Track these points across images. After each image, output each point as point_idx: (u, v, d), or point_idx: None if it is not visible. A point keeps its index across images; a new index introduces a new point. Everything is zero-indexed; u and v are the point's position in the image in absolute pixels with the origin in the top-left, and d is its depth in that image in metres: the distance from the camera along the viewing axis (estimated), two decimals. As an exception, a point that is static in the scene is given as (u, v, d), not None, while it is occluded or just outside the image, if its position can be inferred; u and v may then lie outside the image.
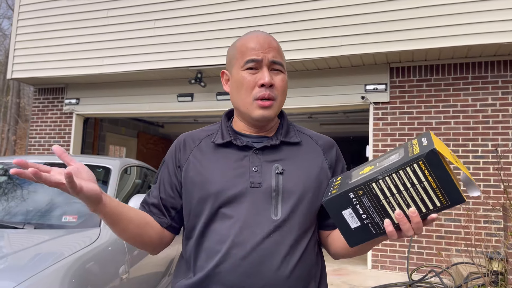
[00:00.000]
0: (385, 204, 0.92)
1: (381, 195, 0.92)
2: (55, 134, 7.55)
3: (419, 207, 0.91)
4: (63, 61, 6.84)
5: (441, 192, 0.89)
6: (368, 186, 0.93)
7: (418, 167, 0.88)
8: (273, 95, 1.14)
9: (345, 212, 0.96)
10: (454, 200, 0.89)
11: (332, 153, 1.24)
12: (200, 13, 6.15)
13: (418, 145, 0.93)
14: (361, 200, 0.94)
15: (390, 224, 0.93)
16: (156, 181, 1.23)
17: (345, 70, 5.98)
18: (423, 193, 0.90)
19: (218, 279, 1.07)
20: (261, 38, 1.16)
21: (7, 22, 27.69)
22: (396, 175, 0.90)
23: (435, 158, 0.87)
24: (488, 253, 4.07)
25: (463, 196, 0.88)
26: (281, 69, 1.17)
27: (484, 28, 4.90)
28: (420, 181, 0.89)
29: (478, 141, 5.32)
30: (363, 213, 0.95)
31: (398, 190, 0.91)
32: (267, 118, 1.15)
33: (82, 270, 2.01)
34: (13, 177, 2.97)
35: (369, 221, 0.95)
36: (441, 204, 0.90)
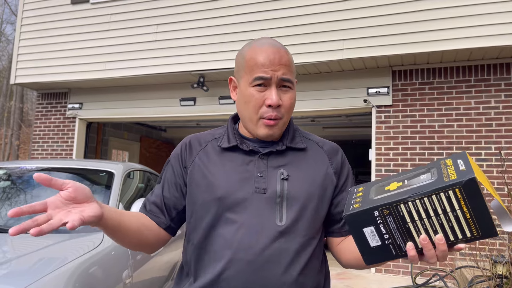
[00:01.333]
0: (411, 227, 0.87)
1: (408, 218, 0.87)
2: (58, 138, 7.57)
3: (447, 235, 0.86)
4: (66, 66, 6.87)
5: (474, 223, 0.83)
6: (396, 207, 0.87)
7: (453, 194, 0.82)
8: (280, 115, 1.12)
9: (366, 229, 0.90)
10: (487, 233, 0.83)
11: (338, 159, 1.23)
12: (202, 18, 6.17)
13: (454, 168, 0.87)
14: (386, 220, 0.88)
15: (413, 248, 0.88)
16: (160, 180, 1.23)
17: (347, 74, 5.98)
18: (454, 222, 0.84)
19: (222, 284, 1.06)
20: (271, 53, 1.12)
21: (10, 28, 27.86)
22: (428, 199, 0.84)
23: (474, 187, 0.81)
24: (493, 257, 4.04)
25: (496, 230, 0.83)
26: (291, 85, 1.14)
27: (486, 31, 4.90)
28: (453, 209, 0.83)
29: (481, 144, 5.31)
30: (386, 233, 0.89)
31: (427, 215, 0.85)
32: (273, 136, 1.15)
33: (86, 274, 2.01)
34: (17, 181, 2.97)
35: (390, 242, 0.90)
36: (472, 235, 0.84)
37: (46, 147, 7.64)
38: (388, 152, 5.67)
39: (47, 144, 7.64)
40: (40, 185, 2.85)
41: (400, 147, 5.63)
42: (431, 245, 0.87)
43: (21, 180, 2.98)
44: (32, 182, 2.93)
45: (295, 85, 1.17)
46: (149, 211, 1.19)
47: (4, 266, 1.85)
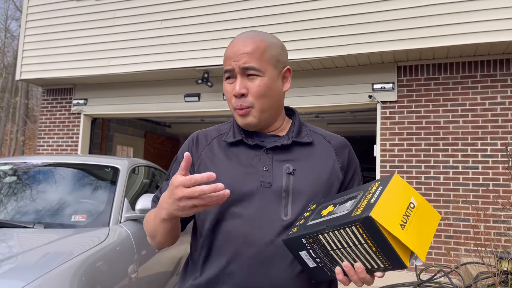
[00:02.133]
0: (334, 254, 0.93)
1: (328, 247, 0.93)
2: (63, 134, 7.60)
3: (364, 264, 0.90)
4: (71, 62, 6.88)
5: (382, 256, 0.87)
6: (315, 237, 0.93)
7: (356, 230, 0.86)
8: (246, 104, 1.12)
9: (301, 253, 0.98)
10: (396, 265, 0.87)
11: (345, 154, 1.23)
12: (206, 13, 6.16)
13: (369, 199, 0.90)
14: (313, 247, 0.95)
15: (340, 272, 0.94)
16: (169, 177, 1.23)
17: (352, 69, 5.96)
18: (365, 253, 0.89)
19: (227, 278, 1.07)
20: (235, 44, 1.14)
21: (15, 24, 27.94)
22: (338, 232, 0.89)
23: (371, 225, 0.84)
24: (498, 253, 4.03)
25: (404, 263, 0.86)
26: (256, 73, 1.11)
27: (492, 26, 4.85)
28: (360, 242, 0.88)
29: (487, 140, 5.28)
30: (316, 257, 0.96)
31: (342, 246, 0.90)
32: (250, 124, 1.15)
33: (92, 269, 2.02)
34: (23, 177, 2.99)
35: (323, 265, 0.97)
36: (383, 265, 0.88)
37: (51, 142, 7.67)
38: (393, 148, 5.65)
39: (53, 139, 7.67)
40: (46, 180, 2.86)
41: (405, 143, 5.60)
42: (354, 271, 0.92)
43: (26, 176, 2.99)
44: (37, 177, 2.94)
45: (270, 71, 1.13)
46: None
47: (11, 260, 1.86)
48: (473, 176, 5.28)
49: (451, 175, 5.36)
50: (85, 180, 2.98)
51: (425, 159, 5.50)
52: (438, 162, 5.43)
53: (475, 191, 5.25)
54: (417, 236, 0.88)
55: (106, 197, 2.75)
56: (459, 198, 5.30)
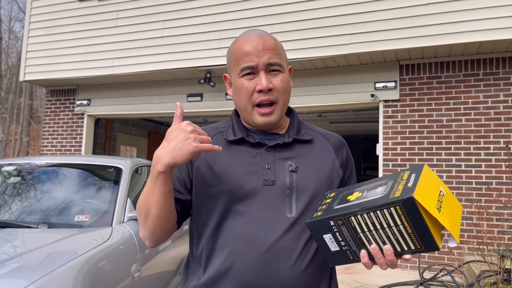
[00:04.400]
0: (362, 237, 0.94)
1: (359, 229, 0.94)
2: (67, 135, 7.65)
3: (394, 246, 0.92)
4: (74, 62, 6.92)
5: (416, 238, 0.89)
6: (347, 219, 0.94)
7: (395, 211, 0.88)
8: (273, 98, 1.13)
9: (325, 236, 0.99)
10: (428, 247, 0.89)
11: (343, 152, 1.24)
12: (208, 13, 6.17)
13: (405, 183, 0.93)
14: (340, 229, 0.96)
15: (366, 256, 0.95)
16: None
17: (354, 68, 5.96)
18: (398, 235, 0.90)
19: (232, 277, 1.06)
20: (254, 40, 1.13)
21: (19, 25, 28.05)
22: (374, 214, 0.91)
23: (412, 206, 0.86)
24: (500, 251, 4.03)
25: (438, 245, 0.88)
26: (280, 69, 1.14)
27: (495, 24, 4.84)
28: (396, 224, 0.89)
29: (490, 138, 5.27)
30: (342, 240, 0.97)
31: (375, 228, 0.92)
32: (271, 123, 1.15)
33: (95, 268, 2.04)
34: (27, 177, 3.02)
35: (347, 248, 0.98)
36: (415, 247, 0.91)
37: (55, 143, 7.72)
38: (395, 147, 5.65)
39: (56, 140, 7.71)
40: (50, 180, 2.89)
41: (407, 142, 5.60)
42: (381, 254, 0.93)
43: (30, 176, 3.02)
44: (41, 178, 2.97)
45: (286, 68, 1.17)
46: None
47: (15, 260, 1.89)
48: (476, 175, 5.27)
49: (454, 173, 5.36)
50: (88, 180, 3.01)
51: (428, 158, 5.50)
52: (441, 161, 5.43)
53: (478, 189, 5.25)
54: (450, 220, 0.92)
55: (109, 197, 2.77)
56: (462, 196, 5.29)
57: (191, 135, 0.97)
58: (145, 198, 1.06)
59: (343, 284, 4.71)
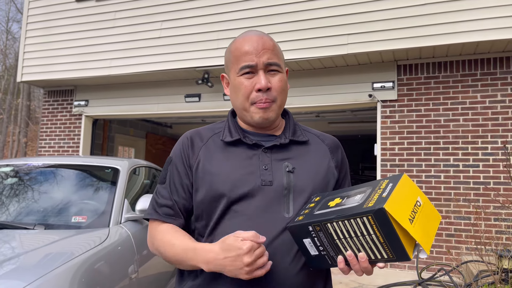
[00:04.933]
0: (339, 243, 0.97)
1: (335, 235, 0.97)
2: (65, 135, 7.63)
3: (368, 254, 0.95)
4: (71, 63, 6.91)
5: (388, 247, 0.91)
6: (324, 225, 0.97)
7: (367, 220, 0.91)
8: (271, 98, 1.14)
9: (305, 240, 1.02)
10: (400, 257, 0.91)
11: (339, 153, 1.26)
12: (206, 14, 6.17)
13: (380, 193, 0.95)
14: (318, 235, 0.99)
15: (342, 261, 0.98)
16: (165, 181, 1.20)
17: (352, 69, 5.96)
18: (371, 244, 0.93)
19: (229, 277, 1.06)
20: (254, 40, 1.15)
21: (16, 26, 27.99)
22: (348, 222, 0.93)
23: (383, 217, 0.88)
24: (498, 251, 4.03)
25: (409, 255, 0.90)
26: (278, 69, 1.16)
27: (492, 24, 4.85)
28: (368, 233, 0.92)
29: (487, 138, 5.28)
30: (320, 245, 1.00)
31: (349, 235, 0.95)
32: (268, 120, 1.16)
33: (92, 270, 2.03)
34: (24, 178, 3.01)
35: (325, 253, 1.01)
36: (387, 256, 0.93)
37: (53, 144, 7.70)
38: (393, 147, 5.66)
39: (54, 141, 7.70)
40: (46, 181, 2.88)
41: (405, 142, 5.61)
42: (356, 260, 0.96)
43: (28, 177, 3.01)
44: (38, 178, 2.96)
45: (284, 69, 1.19)
46: (163, 215, 1.17)
47: (12, 261, 1.88)
48: (473, 174, 5.28)
49: (451, 173, 5.36)
50: (86, 181, 3.00)
51: (426, 158, 5.50)
52: (439, 161, 5.44)
53: (475, 189, 5.25)
54: (422, 232, 0.93)
55: (107, 198, 2.77)
56: (459, 196, 5.30)
57: (246, 268, 0.97)
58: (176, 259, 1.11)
59: (341, 284, 4.71)
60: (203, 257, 1.03)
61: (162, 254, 1.15)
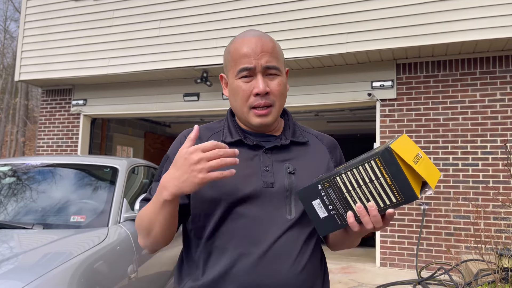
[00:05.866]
0: (348, 197, 0.99)
1: (344, 189, 0.99)
2: (63, 135, 7.61)
3: (377, 202, 0.96)
4: (70, 62, 6.88)
5: (396, 189, 0.94)
6: (333, 180, 0.99)
7: (374, 163, 0.94)
8: (270, 102, 1.12)
9: (314, 202, 1.03)
10: (408, 197, 0.94)
11: (337, 153, 1.27)
12: (205, 12, 6.15)
13: (384, 144, 0.98)
14: (328, 192, 1.01)
15: (352, 216, 0.97)
16: (159, 178, 1.17)
17: (351, 67, 5.95)
18: (380, 189, 0.95)
19: (232, 279, 1.06)
20: (253, 42, 1.12)
21: (14, 25, 27.94)
22: (357, 170, 0.96)
23: (390, 156, 0.92)
24: (498, 250, 4.03)
25: (416, 193, 0.92)
26: (277, 72, 1.13)
27: (491, 22, 4.85)
28: (376, 177, 0.95)
29: (486, 137, 5.28)
30: (330, 204, 1.01)
31: (358, 185, 0.97)
32: (267, 125, 1.15)
33: (91, 269, 2.02)
34: (22, 177, 2.99)
35: (335, 212, 1.01)
36: (396, 200, 0.95)
37: (51, 143, 7.68)
38: (392, 146, 5.64)
39: (52, 140, 7.67)
40: (44, 181, 2.87)
41: (404, 141, 5.60)
42: (366, 211, 0.96)
43: (26, 176, 2.99)
44: (37, 178, 2.94)
45: (284, 71, 1.18)
46: None
47: (10, 261, 1.86)
48: (473, 173, 5.28)
49: (451, 172, 5.36)
50: (84, 180, 2.98)
51: (425, 157, 5.49)
52: (438, 160, 5.43)
53: (475, 188, 5.25)
54: (426, 172, 0.97)
55: (105, 198, 2.75)
56: (459, 195, 5.30)
57: (197, 166, 0.93)
58: (149, 218, 1.06)
59: (341, 283, 4.70)
60: (161, 187, 1.00)
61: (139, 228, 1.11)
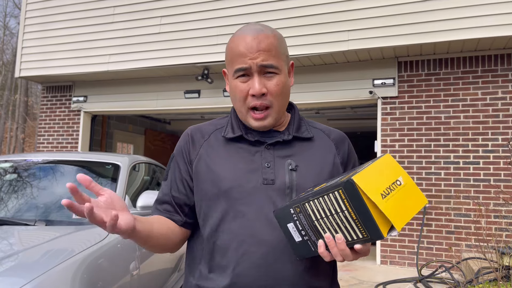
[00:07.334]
0: (317, 225, 0.94)
1: (313, 216, 0.94)
2: (63, 131, 7.59)
3: (345, 235, 0.91)
4: (70, 58, 6.86)
5: (361, 225, 0.87)
6: (302, 205, 0.94)
7: (338, 195, 0.88)
8: (267, 104, 1.09)
9: (289, 225, 0.99)
10: (373, 235, 0.87)
11: (345, 148, 1.21)
12: (206, 9, 6.13)
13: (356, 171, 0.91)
14: (299, 217, 0.96)
15: (322, 245, 0.93)
16: (167, 178, 1.19)
17: (352, 65, 5.94)
18: (346, 222, 0.89)
19: (236, 277, 1.04)
20: (248, 40, 1.07)
21: (14, 21, 27.87)
22: (322, 199, 0.91)
23: (352, 189, 0.85)
24: (500, 248, 4.03)
25: (381, 233, 0.85)
26: (275, 71, 1.08)
27: (493, 20, 4.83)
28: (341, 209, 0.89)
29: (488, 135, 5.27)
30: (302, 229, 0.97)
31: (325, 214, 0.91)
32: (266, 127, 1.12)
33: (93, 266, 2.01)
34: (23, 174, 2.98)
35: (307, 238, 0.97)
36: (362, 236, 0.88)
37: (51, 140, 7.66)
38: (393, 144, 5.64)
39: (52, 137, 7.66)
40: (46, 177, 2.86)
41: (406, 139, 5.60)
42: (334, 243, 0.91)
43: (27, 173, 2.98)
44: (38, 175, 2.94)
45: (284, 69, 1.12)
46: (164, 212, 1.16)
47: (11, 258, 1.86)
48: (474, 172, 5.27)
49: (452, 170, 5.36)
50: (86, 177, 2.97)
51: (426, 155, 5.49)
52: (439, 158, 5.43)
53: (476, 186, 5.25)
54: (396, 209, 0.87)
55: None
56: (460, 193, 5.29)
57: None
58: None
59: (341, 281, 4.70)
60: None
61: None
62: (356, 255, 0.93)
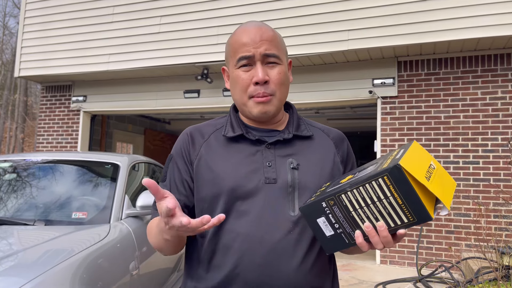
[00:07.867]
0: (355, 215, 0.92)
1: (350, 207, 0.92)
2: (62, 131, 7.59)
3: (387, 221, 0.90)
4: (69, 58, 6.86)
5: (407, 209, 0.87)
6: (338, 197, 0.93)
7: (383, 181, 0.87)
8: (269, 92, 1.10)
9: (319, 220, 0.97)
10: (421, 218, 0.86)
11: (344, 147, 1.22)
12: (206, 9, 6.13)
13: (393, 157, 0.92)
14: (333, 210, 0.94)
15: (360, 236, 0.93)
16: (165, 179, 1.18)
17: (352, 65, 5.94)
18: (389, 208, 0.88)
19: (238, 278, 1.04)
20: (252, 31, 1.11)
21: (13, 21, 27.84)
22: (363, 188, 0.89)
23: (399, 174, 0.85)
24: (500, 248, 4.03)
25: (430, 214, 0.85)
26: (277, 61, 1.11)
27: (493, 20, 4.83)
28: (385, 196, 0.88)
29: (487, 135, 5.27)
30: (336, 222, 0.95)
31: (366, 203, 0.90)
32: (268, 114, 1.12)
33: (93, 266, 2.01)
34: (22, 174, 2.98)
35: (341, 231, 0.95)
36: (408, 220, 0.88)
37: (50, 139, 7.66)
38: (393, 144, 5.64)
39: (52, 137, 7.65)
40: (45, 177, 2.85)
41: (405, 139, 5.59)
42: (375, 232, 0.90)
43: (26, 173, 2.98)
44: (37, 174, 2.93)
45: (285, 61, 1.15)
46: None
47: (11, 258, 1.85)
48: (473, 171, 5.27)
49: (451, 170, 5.36)
50: (86, 177, 2.97)
51: (426, 155, 5.48)
52: (439, 157, 5.43)
53: (475, 186, 5.25)
54: (440, 190, 0.89)
55: (107, 194, 2.74)
56: (459, 193, 5.29)
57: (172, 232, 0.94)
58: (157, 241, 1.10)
59: (341, 280, 4.70)
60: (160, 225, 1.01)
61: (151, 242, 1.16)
62: (396, 241, 0.93)
